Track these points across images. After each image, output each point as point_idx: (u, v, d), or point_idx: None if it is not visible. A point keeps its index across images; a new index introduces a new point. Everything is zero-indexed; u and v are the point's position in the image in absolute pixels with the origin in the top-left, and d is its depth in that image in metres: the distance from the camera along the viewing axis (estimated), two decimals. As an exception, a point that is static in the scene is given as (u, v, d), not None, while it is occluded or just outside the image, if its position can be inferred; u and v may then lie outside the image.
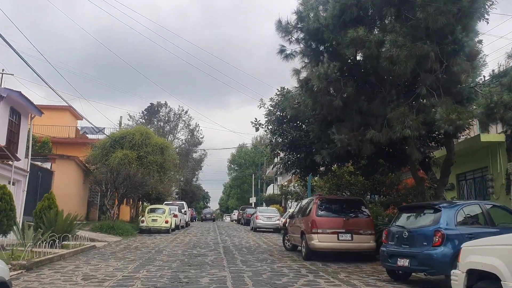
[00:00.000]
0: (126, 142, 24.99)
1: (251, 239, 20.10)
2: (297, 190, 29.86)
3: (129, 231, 21.05)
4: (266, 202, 44.95)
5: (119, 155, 24.00)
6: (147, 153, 24.68)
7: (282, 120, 13.74)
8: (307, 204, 13.23)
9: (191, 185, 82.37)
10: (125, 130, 25.88)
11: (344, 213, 12.22)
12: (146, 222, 23.17)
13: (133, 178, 21.02)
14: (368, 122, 10.65)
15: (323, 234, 11.73)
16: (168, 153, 25.51)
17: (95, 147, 25.69)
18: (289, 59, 11.48)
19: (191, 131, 68.45)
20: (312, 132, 12.63)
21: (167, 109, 68.25)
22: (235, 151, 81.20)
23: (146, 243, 17.08)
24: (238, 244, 16.91)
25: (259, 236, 22.54)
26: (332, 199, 13.06)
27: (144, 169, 24.11)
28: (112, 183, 21.04)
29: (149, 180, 22.68)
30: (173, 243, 16.97)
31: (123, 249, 14.31)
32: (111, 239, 18.33)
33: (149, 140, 25.18)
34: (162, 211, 23.99)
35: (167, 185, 28.88)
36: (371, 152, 10.69)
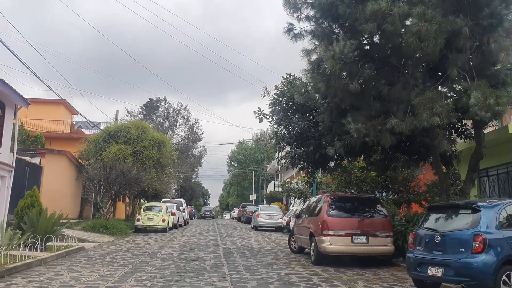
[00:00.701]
0: (121, 136, 23.71)
1: (253, 239, 18.86)
2: (301, 187, 28.64)
3: (123, 231, 19.79)
4: (267, 199, 43.72)
5: (113, 150, 22.72)
6: (143, 148, 23.40)
7: (289, 109, 12.46)
8: (316, 203, 11.96)
9: (191, 182, 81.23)
10: (120, 124, 24.61)
11: (358, 212, 10.97)
12: (141, 221, 21.91)
13: (127, 174, 19.75)
14: (388, 110, 9.37)
15: (335, 237, 10.47)
16: (165, 148, 24.22)
17: (88, 141, 24.40)
18: (297, 39, 10.18)
19: (191, 127, 67.20)
20: (322, 122, 11.36)
21: (166, 104, 67.02)
22: (235, 147, 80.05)
23: (140, 244, 15.83)
24: (240, 245, 15.66)
25: (261, 236, 21.29)
26: (345, 197, 11.79)
27: (140, 164, 22.83)
28: (105, 179, 19.78)
29: (144, 176, 21.41)
30: (169, 244, 15.72)
31: (113, 251, 13.06)
32: (103, 239, 17.08)
33: (145, 134, 23.90)
34: (158, 209, 22.73)
35: (164, 182, 27.60)
36: (391, 144, 9.41)
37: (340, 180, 16.38)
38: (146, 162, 23.22)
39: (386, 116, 9.33)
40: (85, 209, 25.90)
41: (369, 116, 9.64)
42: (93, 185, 20.22)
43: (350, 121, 9.43)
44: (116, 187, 20.05)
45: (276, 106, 12.69)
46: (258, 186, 66.03)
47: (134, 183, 20.29)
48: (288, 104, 12.43)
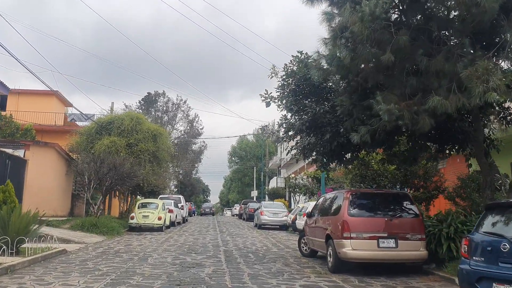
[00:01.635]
0: (114, 128, 22.03)
1: (257, 240, 17.21)
2: (306, 183, 26.99)
3: (115, 230, 18.14)
4: (270, 196, 42.08)
5: (105, 142, 21.05)
6: (138, 140, 21.72)
7: (301, 92, 10.74)
8: (332, 200, 10.28)
9: (191, 178, 79.64)
10: (113, 114, 22.93)
11: (385, 211, 9.30)
12: (136, 219, 20.27)
13: (119, 168, 18.08)
14: (426, 86, 7.69)
15: (359, 240, 8.81)
16: (162, 141, 22.54)
17: (79, 134, 22.74)
18: (314, 3, 8.46)
19: (190, 122, 65.55)
20: (341, 106, 9.67)
21: (165, 98, 65.36)
22: (235, 143, 78.35)
23: (131, 245, 14.19)
24: (243, 247, 14.01)
25: (265, 235, 19.64)
26: (369, 193, 10.09)
27: (135, 158, 21.17)
28: (95, 173, 18.12)
29: (139, 171, 19.73)
30: (164, 246, 14.07)
31: (99, 255, 11.40)
32: (92, 239, 15.44)
33: (140, 126, 22.22)
34: (154, 206, 21.08)
35: (162, 177, 25.93)
36: (429, 128, 7.72)
37: (355, 175, 14.70)
38: (141, 155, 21.55)
39: (424, 94, 7.66)
40: (76, 206, 24.24)
41: (402, 95, 7.96)
42: (82, 180, 18.55)
43: (380, 100, 7.73)
44: (108, 182, 18.38)
45: (285, 89, 10.97)
46: (259, 182, 64.43)
47: (127, 178, 18.63)
48: (300, 86, 10.71)
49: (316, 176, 24.62)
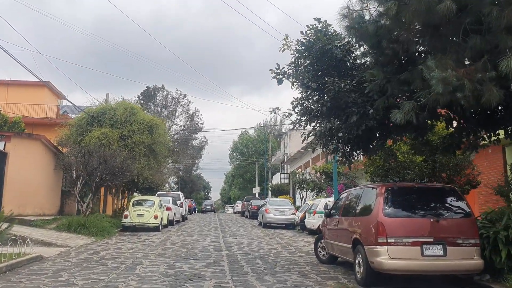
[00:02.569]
0: (106, 118, 20.22)
1: (264, 241, 15.42)
2: (314, 179, 25.19)
3: (105, 230, 16.37)
4: (274, 192, 40.29)
5: (96, 134, 19.25)
6: (132, 132, 19.91)
7: (320, 67, 8.89)
8: (360, 197, 8.46)
9: (191, 175, 77.93)
10: (105, 104, 21.12)
11: (429, 210, 7.49)
12: (130, 218, 18.51)
13: (110, 162, 16.27)
14: (494, 48, 5.86)
15: (397, 246, 7.00)
16: (158, 133, 20.73)
17: (69, 125, 20.95)
18: None
19: (190, 117, 63.70)
20: (371, 81, 7.84)
21: (164, 93, 63.47)
22: (237, 138, 76.50)
23: (121, 248, 12.41)
24: (249, 251, 12.22)
25: (272, 235, 17.85)
26: (408, 187, 8.23)
27: (129, 151, 19.37)
28: (84, 168, 16.32)
29: (132, 165, 17.91)
30: (158, 249, 12.29)
31: (80, 262, 9.62)
32: (77, 241, 13.66)
33: (134, 116, 20.40)
34: (150, 203, 19.31)
35: (160, 173, 24.15)
36: (498, 101, 5.89)
37: (377, 167, 12.88)
38: (136, 148, 19.74)
39: (491, 57, 5.83)
40: (67, 203, 22.46)
41: (459, 60, 6.15)
42: (69, 175, 16.77)
43: (432, 66, 5.90)
44: (98, 178, 16.58)
45: (301, 62, 9.11)
46: (261, 179, 62.70)
47: (119, 172, 16.82)
48: (318, 60, 8.85)
49: (325, 171, 22.82)
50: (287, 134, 51.70)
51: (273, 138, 68.35)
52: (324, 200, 18.75)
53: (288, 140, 50.81)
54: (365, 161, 14.03)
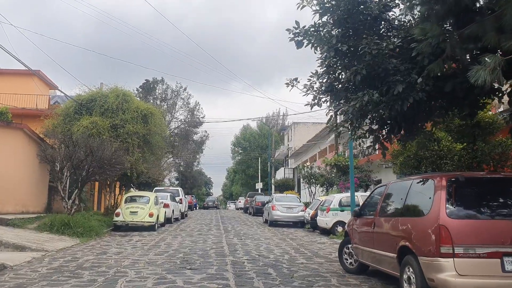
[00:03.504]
0: (96, 106, 18.26)
1: (273, 242, 13.51)
2: (324, 173, 23.26)
3: (93, 230, 14.49)
4: (279, 187, 38.36)
5: (84, 123, 17.31)
6: (125, 121, 17.95)
7: (351, 26, 6.93)
8: (406, 191, 6.51)
9: (192, 170, 76.14)
10: (95, 91, 19.16)
11: (508, 209, 5.56)
12: (122, 216, 16.63)
13: (97, 153, 14.33)
14: None
15: (470, 259, 5.09)
16: (153, 122, 18.76)
17: (56, 114, 19.03)
18: None
19: (191, 110, 61.79)
20: (420, 41, 5.92)
21: (164, 85, 61.62)
22: (239, 133, 74.50)
23: (107, 253, 10.51)
24: (257, 256, 10.31)
25: (281, 236, 15.94)
26: (478, 178, 6.23)
27: (121, 142, 17.44)
28: (68, 160, 14.40)
29: (123, 156, 15.94)
30: (150, 254, 10.39)
31: (50, 273, 7.73)
32: (58, 244, 11.79)
33: (127, 104, 18.43)
34: (145, 200, 17.42)
35: (156, 166, 22.23)
36: None
37: (407, 157, 10.94)
38: (129, 139, 17.79)
39: None
40: (55, 200, 20.56)
41: None
42: (52, 168, 14.88)
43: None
44: (84, 171, 14.67)
45: (326, 21, 7.14)
46: (264, 174, 60.82)
47: (108, 165, 14.89)
48: (348, 18, 6.90)
49: (337, 164, 20.88)
50: (291, 128, 49.74)
51: (275, 133, 66.41)
52: (339, 196, 16.83)
53: (292, 133, 48.85)
54: (391, 149, 12.07)
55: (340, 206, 16.20)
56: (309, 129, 46.78)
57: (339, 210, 16.09)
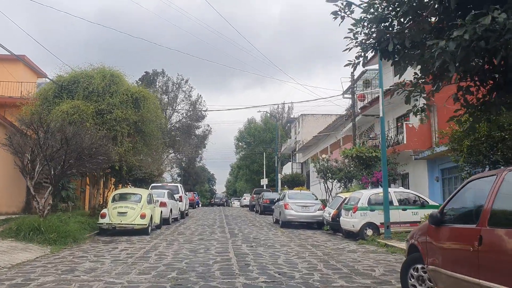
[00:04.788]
0: (80, 89, 15.59)
1: (292, 251, 10.78)
2: (342, 166, 20.51)
3: (70, 235, 11.85)
4: (287, 183, 35.62)
5: (64, 107, 14.64)
6: (112, 105, 15.26)
7: None
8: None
9: (195, 166, 73.66)
10: (78, 71, 16.42)
11: None
12: (108, 217, 13.99)
13: (74, 142, 11.65)
14: None
15: None
16: (147, 108, 16.06)
17: (34, 99, 16.39)
18: None
19: (193, 104, 59.12)
20: None
21: (164, 78, 59.01)
22: (243, 127, 71.70)
23: (75, 270, 7.84)
24: (277, 274, 7.58)
25: (298, 240, 13.23)
26: None
27: (108, 130, 14.78)
28: (39, 150, 11.74)
29: (106, 146, 13.22)
30: (132, 272, 7.69)
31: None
32: (17, 256, 9.15)
33: (116, 86, 15.73)
34: (136, 198, 14.76)
35: (152, 159, 19.54)
36: None
37: (476, 140, 8.19)
38: (117, 126, 15.11)
39: None
40: (36, 198, 17.90)
41: None
42: (20, 161, 12.20)
43: None
44: (59, 164, 12.00)
45: None
46: (269, 170, 58.14)
47: (88, 156, 12.21)
48: None
49: (359, 155, 18.14)
50: (298, 120, 46.95)
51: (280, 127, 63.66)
52: (367, 192, 14.10)
53: (300, 126, 46.06)
54: (449, 131, 9.33)
55: (369, 204, 13.49)
56: (318, 121, 43.99)
57: (368, 210, 13.39)
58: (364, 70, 23.72)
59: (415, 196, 14.25)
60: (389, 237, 12.66)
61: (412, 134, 18.35)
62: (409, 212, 13.62)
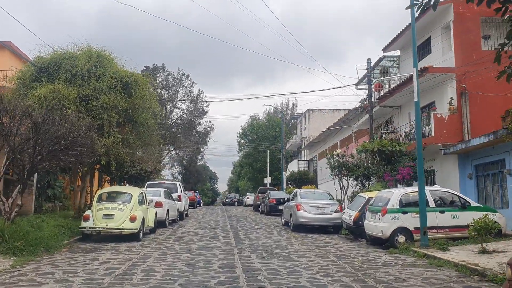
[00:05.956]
0: (61, 72, 13.47)
1: (315, 265, 8.62)
2: (358, 162, 18.36)
3: (42, 243, 9.75)
4: (295, 181, 33.47)
5: (42, 91, 12.54)
6: (99, 91, 13.14)
7: None
8: None
9: (196, 164, 71.76)
10: (60, 52, 14.24)
11: None
12: (92, 220, 11.87)
13: (43, 128, 9.53)
14: None
15: None
16: (139, 94, 13.92)
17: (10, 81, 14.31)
18: None
19: (194, 99, 57.10)
20: None
21: (165, 73, 57.04)
22: (246, 124, 69.50)
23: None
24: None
25: (318, 250, 11.08)
26: None
27: (93, 118, 12.67)
28: (4, 139, 9.63)
29: (86, 136, 11.06)
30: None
31: None
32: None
33: (103, 69, 13.60)
34: (126, 198, 12.63)
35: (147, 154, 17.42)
36: None
37: None
38: (103, 114, 12.98)
39: None
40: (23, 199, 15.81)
41: None
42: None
43: None
44: (28, 157, 9.88)
45: None
46: (272, 168, 56.02)
47: (64, 147, 10.07)
48: None
49: (381, 149, 15.97)
50: (305, 115, 44.79)
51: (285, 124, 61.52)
52: (398, 191, 11.93)
53: (306, 122, 43.92)
54: None
55: (401, 206, 11.35)
56: (325, 116, 41.86)
57: (400, 212, 11.24)
58: (381, 57, 21.57)
59: (453, 196, 12.10)
60: (426, 245, 10.53)
61: (441, 126, 16.18)
62: (448, 215, 11.47)
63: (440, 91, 17.32)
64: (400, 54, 21.60)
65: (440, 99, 17.45)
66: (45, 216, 14.37)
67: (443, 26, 17.58)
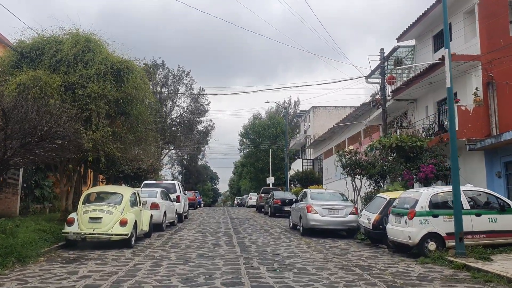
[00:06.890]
0: (45, 57, 12.00)
1: (339, 280, 7.10)
2: (371, 160, 16.87)
3: (14, 252, 8.27)
4: (300, 181, 31.97)
5: (22, 78, 11.07)
6: (87, 78, 11.67)
7: None
8: None
9: (197, 164, 70.44)
10: (44, 37, 12.72)
11: None
12: (77, 224, 10.40)
13: (12, 116, 8.04)
14: None
15: None
16: (132, 83, 12.41)
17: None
18: None
19: (195, 97, 55.62)
20: None
21: (164, 70, 55.52)
22: (247, 122, 68.05)
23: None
24: None
25: (336, 260, 9.57)
26: None
27: (79, 109, 11.20)
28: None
29: (66, 125, 9.56)
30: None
31: None
32: None
33: (92, 54, 12.12)
34: (116, 199, 11.15)
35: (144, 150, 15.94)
36: None
37: None
38: (91, 105, 11.49)
39: None
40: (5, 199, 14.43)
41: None
42: None
43: None
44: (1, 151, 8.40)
45: None
46: (275, 167, 54.61)
47: (39, 139, 8.59)
48: None
49: (400, 145, 14.46)
50: (309, 113, 43.29)
51: (286, 123, 60.10)
52: (427, 191, 10.41)
53: (311, 120, 42.41)
54: None
55: (431, 208, 9.86)
56: (330, 114, 40.38)
57: (430, 216, 9.75)
58: (395, 47, 20.05)
59: (488, 196, 10.61)
60: (462, 253, 9.05)
61: (466, 119, 14.67)
62: (484, 218, 9.97)
63: (462, 82, 15.80)
64: (415, 43, 20.08)
65: (462, 90, 15.94)
66: (28, 218, 12.93)
67: (466, 11, 16.08)
